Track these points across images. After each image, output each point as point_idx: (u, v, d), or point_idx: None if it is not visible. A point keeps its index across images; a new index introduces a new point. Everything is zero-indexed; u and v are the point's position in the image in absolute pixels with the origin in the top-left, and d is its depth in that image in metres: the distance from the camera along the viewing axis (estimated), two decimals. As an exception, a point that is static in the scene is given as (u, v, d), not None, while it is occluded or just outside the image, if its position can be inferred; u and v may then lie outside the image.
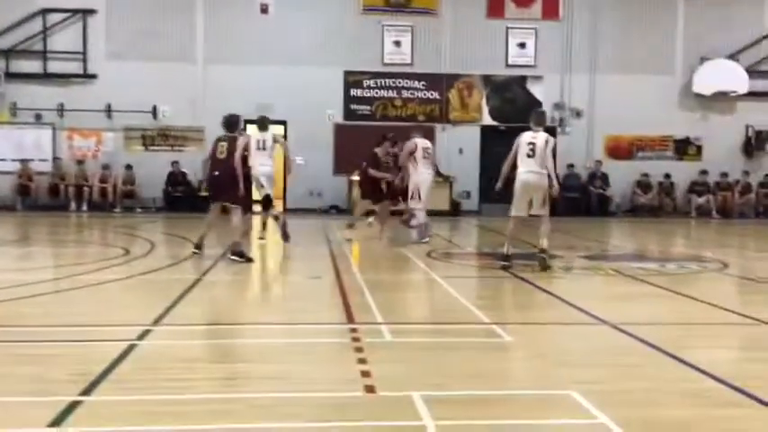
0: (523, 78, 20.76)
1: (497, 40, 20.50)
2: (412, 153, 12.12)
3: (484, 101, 20.70)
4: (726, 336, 6.05)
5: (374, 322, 6.02)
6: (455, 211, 19.32)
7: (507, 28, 20.56)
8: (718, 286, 8.76)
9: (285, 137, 20.22)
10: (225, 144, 9.81)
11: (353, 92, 20.26)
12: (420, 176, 12.13)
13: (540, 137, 9.23)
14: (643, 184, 20.74)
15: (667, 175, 20.78)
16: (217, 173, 9.78)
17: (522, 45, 20.70)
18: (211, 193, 10.15)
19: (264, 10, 19.74)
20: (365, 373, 4.43)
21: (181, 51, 19.40)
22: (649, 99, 20.32)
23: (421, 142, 12.24)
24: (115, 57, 19.16)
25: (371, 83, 20.32)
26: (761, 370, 4.83)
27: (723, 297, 7.70)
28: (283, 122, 20.04)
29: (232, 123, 10.05)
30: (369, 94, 20.34)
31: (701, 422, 3.79)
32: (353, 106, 20.29)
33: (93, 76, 19.16)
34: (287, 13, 19.72)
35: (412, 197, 12.15)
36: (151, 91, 19.08)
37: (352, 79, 20.20)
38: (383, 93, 20.40)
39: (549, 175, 9.19)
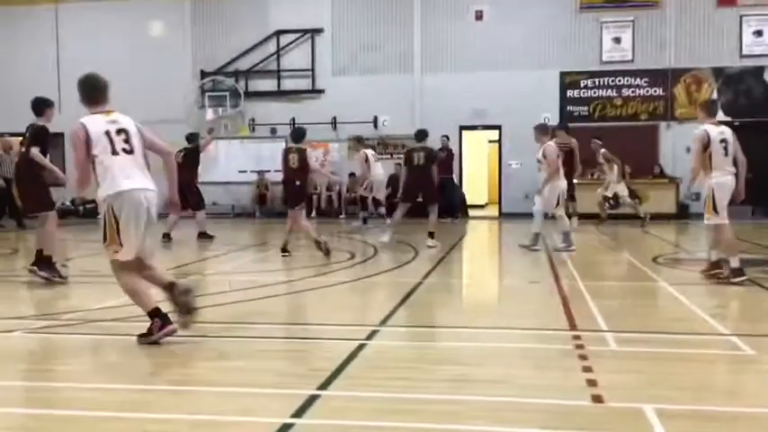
0: (761, 69, 19.03)
1: (729, 30, 18.98)
2: (558, 156, 11.47)
3: (714, 95, 19.25)
4: None
5: (598, 330, 5.85)
6: (682, 213, 18.14)
7: (741, 16, 18.97)
8: None
9: (499, 141, 20.25)
10: (296, 155, 10.93)
11: (570, 93, 19.77)
12: (563, 182, 11.59)
13: (727, 131, 8.21)
14: None
15: None
16: (298, 182, 10.93)
17: (759, 33, 18.98)
18: (291, 200, 11.14)
19: (479, 17, 19.91)
20: (591, 382, 4.32)
21: (399, 62, 20.13)
22: None
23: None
24: (340, 72, 20.34)
25: (589, 83, 19.71)
26: None
27: None
28: (498, 127, 20.07)
29: (300, 135, 11.29)
30: (586, 95, 19.74)
31: None
32: (570, 108, 19.79)
33: (321, 92, 20.46)
34: (501, 17, 19.73)
35: (558, 204, 11.51)
36: (372, 102, 19.97)
37: (569, 80, 19.72)
38: (602, 92, 19.69)
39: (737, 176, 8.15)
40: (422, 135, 12.45)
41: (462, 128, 20.06)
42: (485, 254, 13.23)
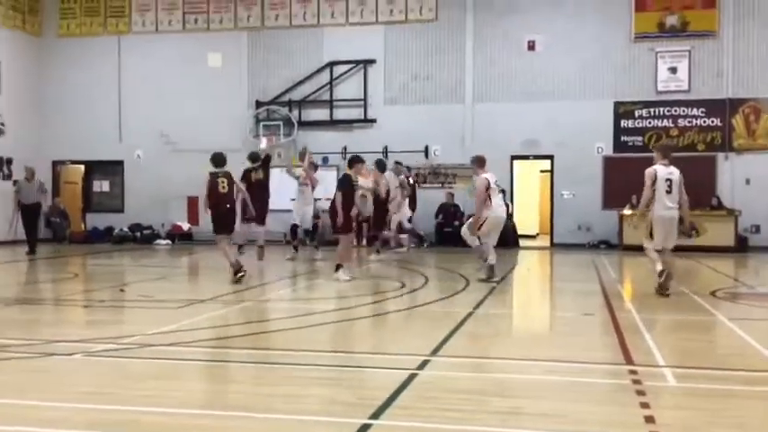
0: (823, 98, 18.56)
1: (790, 59, 18.60)
2: (487, 189, 10.85)
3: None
4: None
5: (655, 365, 5.72)
6: (742, 246, 17.68)
7: (802, 44, 18.58)
8: None
9: (551, 171, 20.05)
10: (225, 180, 11.17)
11: (624, 123, 19.54)
12: (493, 212, 10.90)
13: (675, 172, 9.58)
14: None
15: None
16: (228, 206, 11.17)
17: (822, 61, 18.53)
18: (222, 225, 11.24)
19: (531, 47, 19.89)
20: (649, 419, 4.23)
21: (451, 92, 20.24)
22: None
23: (491, 177, 11.03)
24: (391, 102, 20.53)
25: (644, 112, 19.47)
26: None
27: None
28: (550, 157, 19.94)
29: (222, 160, 11.42)
30: (641, 125, 19.48)
31: None
32: (624, 138, 19.56)
33: (373, 121, 20.65)
34: (553, 47, 19.69)
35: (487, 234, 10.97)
36: (424, 131, 20.08)
37: (623, 110, 19.51)
38: (657, 122, 19.41)
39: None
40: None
41: (514, 157, 19.98)
42: (536, 285, 13.07)
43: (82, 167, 22.80)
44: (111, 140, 21.77)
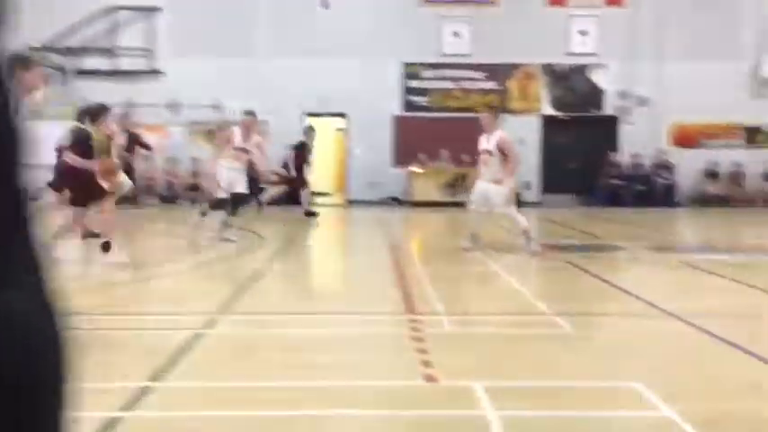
0: (585, 67, 20.41)
1: (558, 29, 20.16)
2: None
3: (544, 90, 20.43)
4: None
5: (434, 313, 6.04)
6: (516, 202, 19.12)
7: (569, 15, 20.21)
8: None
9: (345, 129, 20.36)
10: None
11: (412, 83, 20.25)
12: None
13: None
14: (711, 173, 20.17)
15: (737, 164, 20.18)
16: None
17: (584, 33, 20.32)
18: None
19: (325, 4, 19.80)
20: (426, 363, 4.45)
21: (243, 46, 19.70)
22: (718, 85, 19.63)
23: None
24: (181, 53, 19.60)
25: (430, 74, 20.28)
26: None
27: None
28: (342, 115, 20.21)
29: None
30: (427, 86, 20.30)
31: (772, 416, 3.69)
32: (412, 98, 20.29)
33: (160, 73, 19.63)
34: (347, 5, 19.79)
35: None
36: (214, 86, 19.45)
37: (411, 71, 20.20)
38: (442, 84, 20.33)
39: None
40: None
41: (309, 115, 19.99)
42: (330, 242, 13.27)
43: None
44: None
